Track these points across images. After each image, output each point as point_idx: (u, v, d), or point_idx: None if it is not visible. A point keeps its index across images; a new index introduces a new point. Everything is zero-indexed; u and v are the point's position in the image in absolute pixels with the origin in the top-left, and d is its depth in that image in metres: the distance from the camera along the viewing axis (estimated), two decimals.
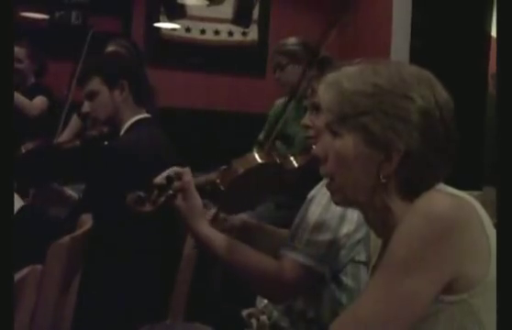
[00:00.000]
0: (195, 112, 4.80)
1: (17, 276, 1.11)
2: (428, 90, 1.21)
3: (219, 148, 4.53)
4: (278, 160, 1.72)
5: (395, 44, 4.24)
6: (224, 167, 1.68)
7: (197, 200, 1.59)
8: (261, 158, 1.66)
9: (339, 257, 1.67)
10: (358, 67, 1.26)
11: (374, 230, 1.33)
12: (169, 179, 1.57)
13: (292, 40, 3.39)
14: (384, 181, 1.21)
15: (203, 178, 1.68)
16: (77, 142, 2.49)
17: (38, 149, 2.39)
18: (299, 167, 1.71)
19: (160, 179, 1.57)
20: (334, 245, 1.65)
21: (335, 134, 1.25)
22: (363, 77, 1.23)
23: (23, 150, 2.35)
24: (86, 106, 2.31)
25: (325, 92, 1.27)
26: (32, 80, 4.02)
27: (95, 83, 2.28)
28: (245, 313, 2.03)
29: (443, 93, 1.23)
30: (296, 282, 1.65)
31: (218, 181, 1.65)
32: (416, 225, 1.14)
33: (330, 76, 1.27)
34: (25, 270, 1.14)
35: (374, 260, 1.36)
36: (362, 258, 1.69)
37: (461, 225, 1.13)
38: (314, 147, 1.74)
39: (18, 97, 3.73)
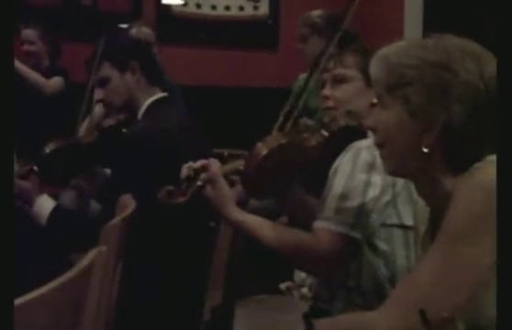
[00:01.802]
0: (208, 88, 4.78)
1: (87, 259, 1.11)
2: (474, 63, 1.23)
3: (234, 124, 4.53)
4: (299, 138, 1.74)
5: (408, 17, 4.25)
6: (247, 153, 1.70)
7: (226, 188, 1.66)
8: (282, 137, 1.69)
9: (370, 221, 1.70)
10: (407, 42, 1.32)
11: (424, 199, 1.36)
12: (196, 171, 1.62)
13: (316, 12, 3.40)
14: (425, 151, 1.25)
15: (228, 166, 1.71)
16: (95, 134, 2.46)
17: (60, 149, 2.37)
18: (319, 143, 1.74)
19: (187, 171, 1.63)
20: (363, 209, 1.69)
21: (382, 105, 1.30)
22: (410, 51, 1.27)
23: (47, 151, 2.34)
24: (100, 93, 2.29)
25: (374, 65, 1.33)
26: (46, 63, 4.00)
27: (106, 69, 2.23)
28: (283, 286, 2.06)
29: (491, 67, 1.24)
30: (333, 251, 1.68)
31: (242, 167, 1.68)
32: (473, 197, 1.18)
33: (381, 51, 1.32)
34: (93, 253, 1.14)
35: (423, 229, 1.40)
36: (394, 220, 1.72)
37: None
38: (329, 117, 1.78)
39: (34, 75, 3.81)
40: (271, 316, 0.81)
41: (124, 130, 2.35)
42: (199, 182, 1.61)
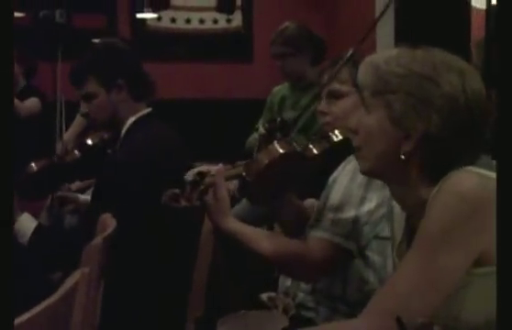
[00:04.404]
0: (184, 102, 4.81)
1: (70, 282, 1.12)
2: (457, 77, 1.27)
3: (210, 136, 4.56)
4: (299, 149, 1.79)
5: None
6: (247, 160, 1.74)
7: (226, 198, 1.67)
8: (282, 148, 1.73)
9: (364, 233, 1.74)
10: (397, 51, 1.34)
11: (399, 203, 1.40)
12: (201, 174, 1.65)
13: (292, 29, 3.40)
14: (403, 157, 1.28)
15: (230, 172, 1.75)
16: (76, 154, 2.47)
17: (43, 169, 2.39)
18: (319, 154, 1.78)
19: (192, 175, 1.65)
20: (358, 222, 1.73)
21: (366, 109, 1.34)
22: (399, 60, 1.31)
23: (30, 170, 2.36)
24: (84, 107, 2.25)
25: (364, 70, 1.35)
26: (23, 82, 3.99)
27: (92, 85, 2.21)
28: (264, 296, 2.08)
29: (474, 83, 1.28)
30: (326, 261, 1.73)
31: (244, 173, 1.71)
32: (447, 204, 1.22)
33: (371, 57, 1.36)
34: (76, 275, 1.15)
35: (399, 236, 1.44)
36: (387, 233, 1.74)
37: (488, 203, 1.18)
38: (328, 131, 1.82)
39: None
40: None
41: (108, 150, 2.36)
42: (202, 186, 1.65)
